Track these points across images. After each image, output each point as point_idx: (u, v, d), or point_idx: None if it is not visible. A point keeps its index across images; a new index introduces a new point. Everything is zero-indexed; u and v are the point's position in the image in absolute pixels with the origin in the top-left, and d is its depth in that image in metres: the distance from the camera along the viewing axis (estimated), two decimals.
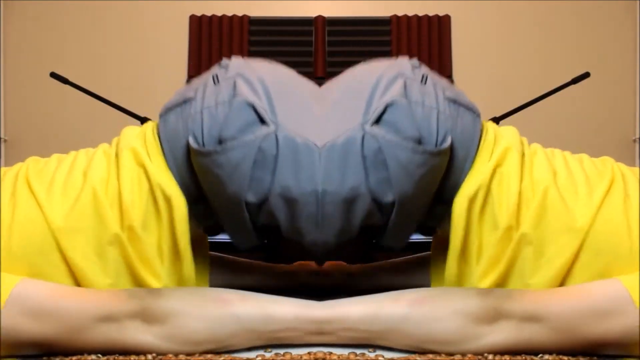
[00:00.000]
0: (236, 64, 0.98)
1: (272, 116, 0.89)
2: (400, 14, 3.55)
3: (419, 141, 0.89)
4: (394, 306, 0.86)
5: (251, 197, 0.88)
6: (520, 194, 0.91)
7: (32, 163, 1.00)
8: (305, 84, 1.01)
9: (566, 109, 3.39)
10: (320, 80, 3.73)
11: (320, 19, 3.54)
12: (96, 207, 0.90)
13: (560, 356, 0.85)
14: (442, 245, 0.96)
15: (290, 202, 0.88)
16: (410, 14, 3.54)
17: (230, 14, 3.54)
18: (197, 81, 0.99)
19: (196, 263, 0.95)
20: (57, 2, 3.52)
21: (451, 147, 0.92)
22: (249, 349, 0.88)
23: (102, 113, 2.51)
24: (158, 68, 3.53)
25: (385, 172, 0.88)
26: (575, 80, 2.10)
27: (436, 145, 0.90)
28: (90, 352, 0.84)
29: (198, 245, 0.97)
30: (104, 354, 0.85)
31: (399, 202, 0.89)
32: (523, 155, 0.97)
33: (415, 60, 1.00)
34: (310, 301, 0.89)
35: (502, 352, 0.84)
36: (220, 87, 0.93)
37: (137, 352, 0.84)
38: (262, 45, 3.54)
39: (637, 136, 3.47)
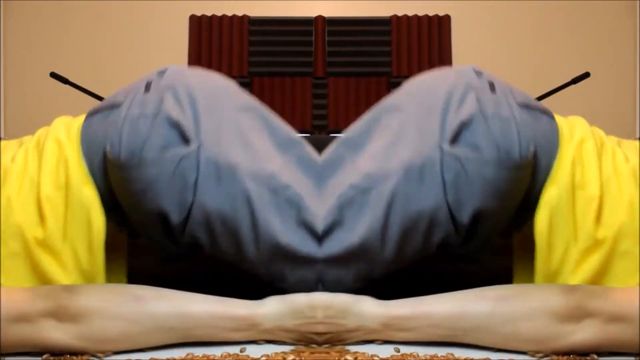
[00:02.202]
0: (171, 73, 0.94)
1: (196, 135, 0.87)
2: (400, 14, 3.55)
3: (503, 156, 0.86)
4: (480, 304, 0.86)
5: (172, 217, 0.87)
6: (601, 196, 0.88)
7: None
8: (238, 97, 0.96)
9: (566, 109, 3.39)
10: (320, 80, 3.73)
11: (320, 19, 3.54)
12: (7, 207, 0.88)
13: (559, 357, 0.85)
14: (526, 250, 0.94)
15: (218, 223, 0.86)
16: (410, 14, 3.54)
17: (230, 14, 3.54)
18: (133, 85, 0.96)
19: (112, 273, 0.94)
20: (57, 2, 3.52)
21: (534, 155, 0.89)
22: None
23: None
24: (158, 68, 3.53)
25: (468, 190, 0.86)
26: (575, 80, 2.10)
27: (520, 157, 0.87)
28: (7, 353, 0.84)
29: (115, 253, 0.96)
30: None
31: (482, 218, 0.88)
32: (601, 146, 0.94)
33: (476, 67, 0.96)
34: (228, 299, 0.89)
35: (586, 352, 0.83)
36: (148, 98, 0.90)
37: (54, 352, 0.84)
38: (262, 45, 3.54)
39: (637, 136, 3.47)
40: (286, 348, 0.88)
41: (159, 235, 0.91)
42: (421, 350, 0.87)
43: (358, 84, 3.52)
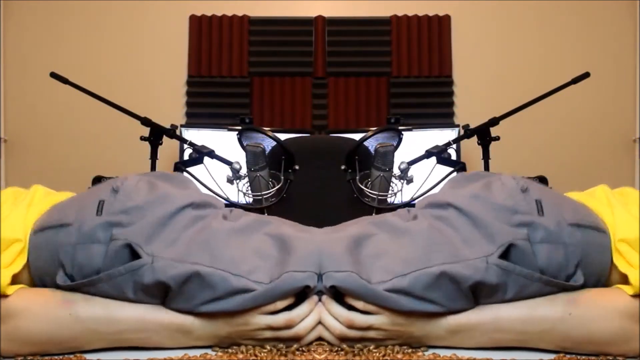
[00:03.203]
0: (124, 191, 0.95)
1: (148, 249, 0.88)
2: (400, 14, 3.54)
3: (549, 279, 0.87)
4: (551, 307, 0.85)
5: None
6: None
7: None
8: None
9: (566, 109, 3.38)
10: (320, 80, 3.73)
11: (320, 19, 3.54)
12: None
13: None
14: None
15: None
16: (410, 14, 3.54)
17: (230, 14, 3.54)
18: (84, 202, 0.96)
19: None
20: (57, 2, 3.52)
21: (582, 273, 0.89)
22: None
23: (102, 113, 2.51)
24: (158, 68, 3.53)
25: (507, 295, 0.86)
26: (575, 80, 2.10)
27: (566, 279, 0.88)
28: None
29: None
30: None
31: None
32: None
33: (522, 183, 0.96)
34: (159, 306, 0.89)
35: None
36: (100, 224, 0.90)
37: None
38: (262, 45, 3.53)
39: (637, 136, 3.47)
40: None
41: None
42: (441, 352, 0.86)
43: (358, 84, 3.52)
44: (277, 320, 0.87)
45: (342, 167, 1.78)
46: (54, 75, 2.17)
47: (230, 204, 1.29)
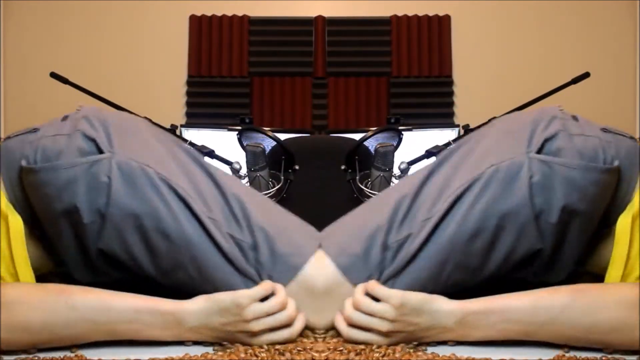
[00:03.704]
0: (86, 109, 1.05)
1: (109, 147, 0.94)
2: (400, 14, 3.55)
3: (589, 164, 0.92)
4: (556, 296, 0.86)
5: (85, 218, 0.90)
6: None
7: None
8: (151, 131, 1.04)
9: (566, 108, 3.38)
10: (320, 80, 3.73)
11: (320, 19, 3.54)
12: None
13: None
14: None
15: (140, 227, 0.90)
16: (410, 14, 3.54)
17: (230, 14, 3.54)
18: (50, 120, 1.05)
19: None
20: (57, 2, 3.52)
21: (618, 169, 0.94)
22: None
23: None
24: (158, 68, 3.53)
25: (556, 191, 0.90)
26: (575, 80, 2.10)
27: (604, 164, 0.93)
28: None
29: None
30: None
31: (571, 219, 0.91)
32: None
33: (559, 107, 1.06)
34: (155, 297, 0.89)
35: None
36: (65, 123, 1.00)
37: None
38: (262, 45, 3.54)
39: (637, 136, 3.48)
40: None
41: (73, 250, 0.94)
42: (441, 351, 0.86)
43: (358, 84, 3.52)
44: (272, 304, 0.88)
45: (342, 167, 1.78)
46: (54, 75, 2.17)
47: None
